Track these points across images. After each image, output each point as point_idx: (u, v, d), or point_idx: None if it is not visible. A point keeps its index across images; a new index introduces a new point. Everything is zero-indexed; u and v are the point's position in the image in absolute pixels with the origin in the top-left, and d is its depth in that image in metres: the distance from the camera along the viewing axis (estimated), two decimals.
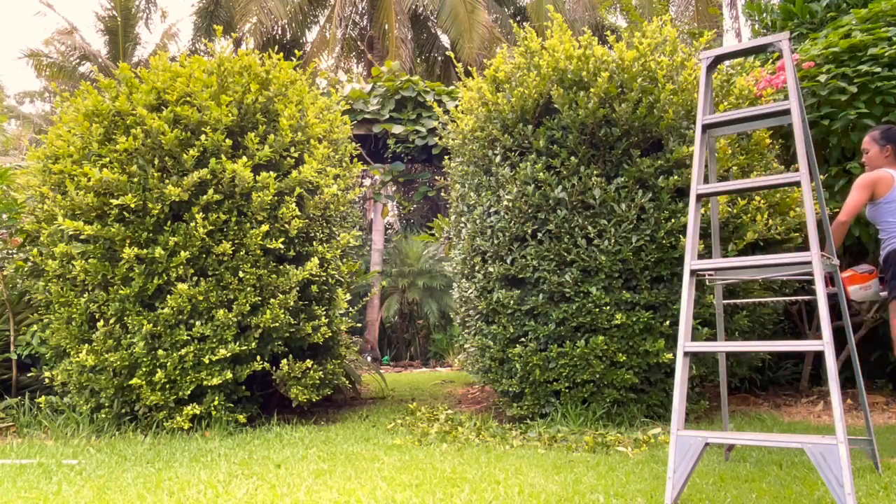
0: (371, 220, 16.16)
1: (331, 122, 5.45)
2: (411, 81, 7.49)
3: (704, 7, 16.45)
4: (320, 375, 4.78)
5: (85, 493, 2.84)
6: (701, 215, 4.06)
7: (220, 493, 2.76)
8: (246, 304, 4.47)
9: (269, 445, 3.91)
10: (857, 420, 4.52)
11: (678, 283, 4.31)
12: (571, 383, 4.34)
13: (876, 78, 4.80)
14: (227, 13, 17.84)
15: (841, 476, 2.08)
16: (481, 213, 4.71)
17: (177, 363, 4.36)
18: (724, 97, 4.83)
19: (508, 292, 4.45)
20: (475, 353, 4.83)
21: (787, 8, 6.24)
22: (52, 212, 4.64)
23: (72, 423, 4.58)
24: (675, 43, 4.62)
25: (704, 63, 2.89)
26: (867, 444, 2.95)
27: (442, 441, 4.03)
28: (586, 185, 4.30)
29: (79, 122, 4.71)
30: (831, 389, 2.21)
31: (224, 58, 4.89)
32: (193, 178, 4.43)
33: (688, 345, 2.53)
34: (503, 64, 4.87)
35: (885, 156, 3.70)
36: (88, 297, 4.49)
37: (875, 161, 3.73)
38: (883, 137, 3.70)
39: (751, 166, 4.66)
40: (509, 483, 2.84)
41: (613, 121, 4.33)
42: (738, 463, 3.24)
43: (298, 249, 4.86)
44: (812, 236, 2.40)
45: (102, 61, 18.68)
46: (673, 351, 4.15)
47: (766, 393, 5.65)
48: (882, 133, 3.71)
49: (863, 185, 3.59)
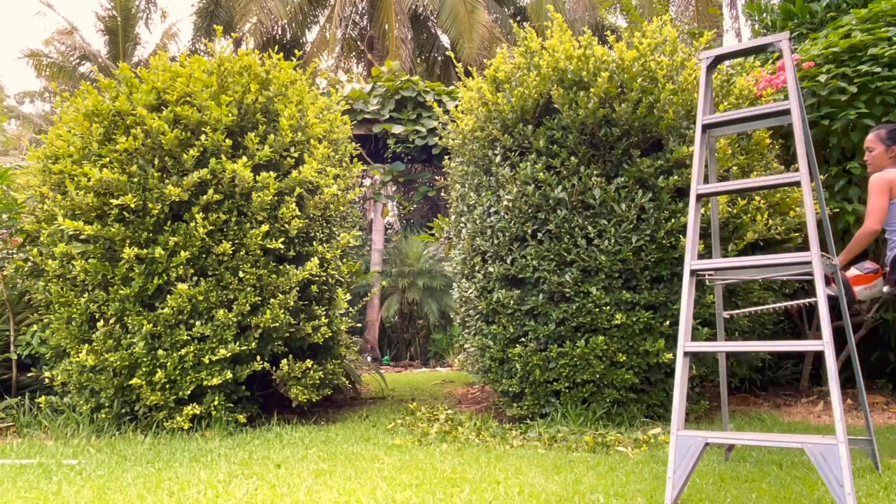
0: (371, 220, 16.16)
1: (331, 122, 5.45)
2: (411, 81, 7.49)
3: (704, 7, 16.45)
4: (320, 375, 4.78)
5: (85, 493, 2.84)
6: (701, 215, 4.06)
7: (220, 493, 2.76)
8: (246, 304, 4.47)
9: (269, 445, 3.91)
10: (857, 420, 4.52)
11: (678, 283, 4.31)
12: (571, 383, 4.34)
13: (876, 78, 4.80)
14: (227, 13, 17.84)
15: (841, 476, 2.08)
16: (481, 213, 4.71)
17: (177, 363, 4.36)
18: (724, 97, 4.83)
19: (508, 292, 4.45)
20: (475, 353, 4.83)
21: (787, 8, 6.24)
22: (52, 212, 4.64)
23: (72, 423, 4.58)
24: (675, 43, 4.62)
25: (704, 63, 2.89)
26: (867, 444, 2.95)
27: (442, 441, 4.03)
28: (586, 185, 4.30)
29: (79, 122, 4.71)
30: (831, 389, 2.21)
31: (224, 58, 4.89)
32: (193, 178, 4.43)
33: (688, 345, 2.53)
34: (503, 64, 4.87)
35: (890, 156, 3.68)
36: (88, 297, 4.49)
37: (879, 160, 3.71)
38: (889, 137, 3.67)
39: (751, 166, 4.66)
40: (509, 483, 2.84)
41: (613, 121, 4.33)
42: (738, 463, 3.24)
43: (298, 249, 4.86)
44: (812, 236, 2.40)
45: (102, 61, 18.69)
46: (673, 351, 4.15)
47: (766, 393, 5.65)
48: (889, 133, 3.68)
49: (882, 189, 3.55)
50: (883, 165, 3.71)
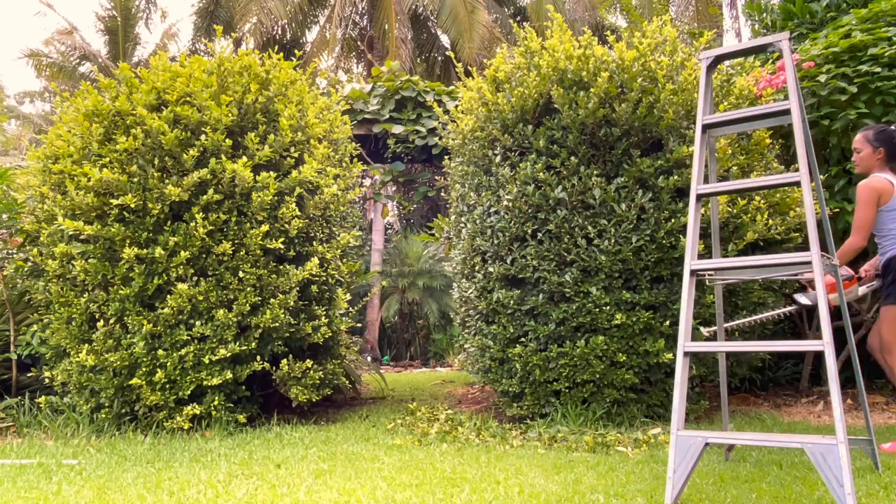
0: (371, 220, 16.17)
1: (331, 122, 5.45)
2: (411, 81, 7.49)
3: (704, 7, 16.45)
4: (320, 375, 4.78)
5: (85, 493, 2.84)
6: (701, 215, 4.06)
7: (220, 493, 2.76)
8: (246, 304, 4.47)
9: (269, 445, 3.91)
10: (857, 420, 4.52)
11: (678, 283, 4.31)
12: (571, 383, 4.34)
13: (876, 78, 4.80)
14: (227, 13, 17.85)
15: (841, 476, 2.08)
16: (481, 213, 4.71)
17: (177, 363, 4.36)
18: (724, 97, 4.83)
19: (508, 292, 4.45)
20: (475, 353, 4.83)
21: (787, 8, 6.24)
22: (52, 212, 4.64)
23: (72, 423, 4.58)
24: (675, 43, 4.62)
25: (704, 63, 2.89)
26: (867, 444, 2.95)
27: (442, 441, 4.03)
28: (586, 185, 4.30)
29: (79, 122, 4.71)
30: (831, 389, 2.21)
31: (224, 58, 4.90)
32: (193, 178, 4.43)
33: (688, 345, 2.53)
34: (503, 64, 4.87)
35: (877, 158, 3.69)
36: (88, 297, 4.49)
37: (866, 162, 3.72)
38: (877, 139, 3.67)
39: (751, 166, 4.66)
40: (509, 483, 2.84)
41: (613, 121, 4.33)
42: (738, 463, 3.24)
43: (298, 249, 4.86)
44: (812, 236, 2.40)
45: (102, 61, 18.69)
46: (673, 351, 4.15)
47: (766, 393, 5.65)
48: (876, 134, 3.68)
49: (870, 199, 3.57)
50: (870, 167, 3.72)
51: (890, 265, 3.65)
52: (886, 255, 3.69)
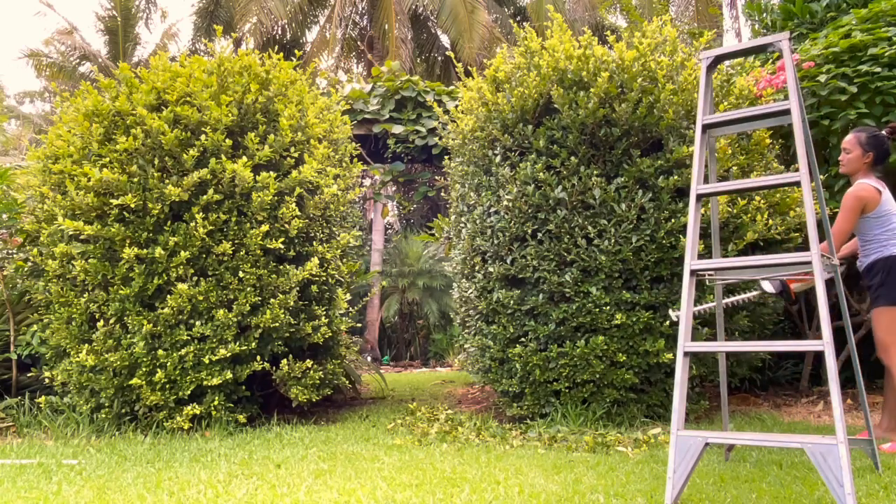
0: (371, 220, 16.17)
1: (331, 122, 5.45)
2: (411, 81, 7.49)
3: (704, 7, 16.45)
4: (320, 375, 4.78)
5: (85, 493, 2.84)
6: (701, 215, 4.06)
7: (220, 493, 2.76)
8: (246, 304, 4.47)
9: (269, 445, 3.91)
10: (857, 420, 4.52)
11: (678, 283, 4.31)
12: (571, 383, 4.34)
13: (876, 78, 4.80)
14: (227, 13, 17.85)
15: (841, 476, 2.08)
16: (481, 213, 4.71)
17: (177, 363, 4.36)
18: (724, 97, 4.83)
19: (508, 292, 4.45)
20: (475, 353, 4.83)
21: (787, 8, 6.24)
22: (52, 212, 4.64)
23: (72, 423, 4.58)
24: (675, 43, 4.62)
25: (704, 63, 2.89)
26: (867, 444, 2.95)
27: (442, 441, 4.03)
28: (586, 185, 4.30)
29: (79, 122, 4.71)
30: (831, 389, 2.21)
31: (224, 58, 4.89)
32: (193, 178, 4.43)
33: (688, 345, 2.53)
34: (503, 64, 4.87)
35: (864, 161, 3.69)
36: (88, 297, 4.49)
37: (854, 164, 3.72)
38: (868, 143, 3.67)
39: (751, 166, 4.66)
40: (509, 483, 2.84)
41: (613, 121, 4.33)
42: (738, 463, 3.24)
43: (298, 249, 4.86)
44: (812, 236, 2.40)
45: (102, 61, 18.69)
46: (673, 351, 4.15)
47: (766, 393, 5.65)
48: (868, 138, 3.69)
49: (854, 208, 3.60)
50: (856, 169, 3.73)
51: (874, 268, 3.68)
52: (870, 257, 3.71)
